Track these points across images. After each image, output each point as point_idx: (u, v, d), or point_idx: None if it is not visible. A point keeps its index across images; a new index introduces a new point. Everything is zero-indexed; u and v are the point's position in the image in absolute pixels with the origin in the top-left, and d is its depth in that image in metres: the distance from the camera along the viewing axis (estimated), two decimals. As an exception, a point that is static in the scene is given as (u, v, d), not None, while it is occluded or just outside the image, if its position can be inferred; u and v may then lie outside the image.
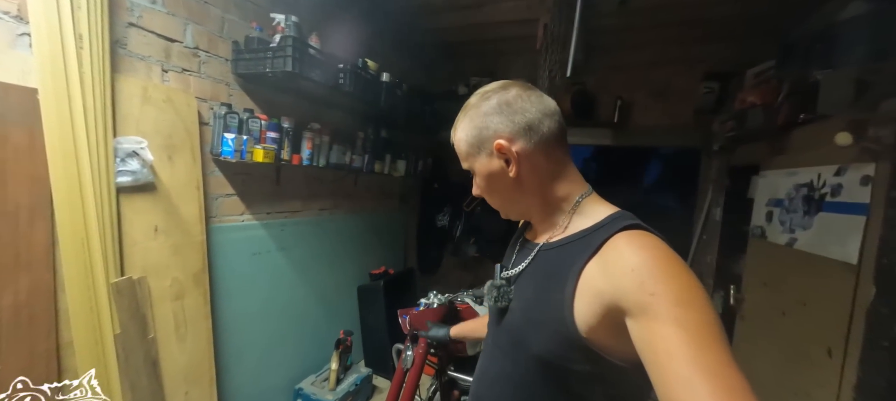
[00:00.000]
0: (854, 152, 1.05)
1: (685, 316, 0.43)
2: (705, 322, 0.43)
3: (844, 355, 1.03)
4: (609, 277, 0.50)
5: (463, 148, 0.65)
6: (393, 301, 2.44)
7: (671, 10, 2.11)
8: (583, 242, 0.57)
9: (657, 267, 0.47)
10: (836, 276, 1.07)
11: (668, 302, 0.44)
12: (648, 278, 0.46)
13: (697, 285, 0.46)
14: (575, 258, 0.55)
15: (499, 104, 0.61)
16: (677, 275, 0.46)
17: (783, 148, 1.47)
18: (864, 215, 1.00)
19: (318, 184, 2.21)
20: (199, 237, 1.51)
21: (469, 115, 0.63)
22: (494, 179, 0.63)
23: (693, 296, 0.45)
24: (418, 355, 1.35)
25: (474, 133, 0.62)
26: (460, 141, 0.65)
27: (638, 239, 0.51)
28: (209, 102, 1.58)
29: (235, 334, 1.74)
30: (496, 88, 0.63)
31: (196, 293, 1.49)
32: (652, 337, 0.45)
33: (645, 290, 0.46)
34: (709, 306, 0.44)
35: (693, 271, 0.48)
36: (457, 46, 2.93)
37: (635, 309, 0.46)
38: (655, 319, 0.44)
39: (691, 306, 0.44)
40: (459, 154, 0.66)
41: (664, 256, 0.49)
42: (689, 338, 0.42)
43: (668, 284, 0.45)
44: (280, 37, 1.55)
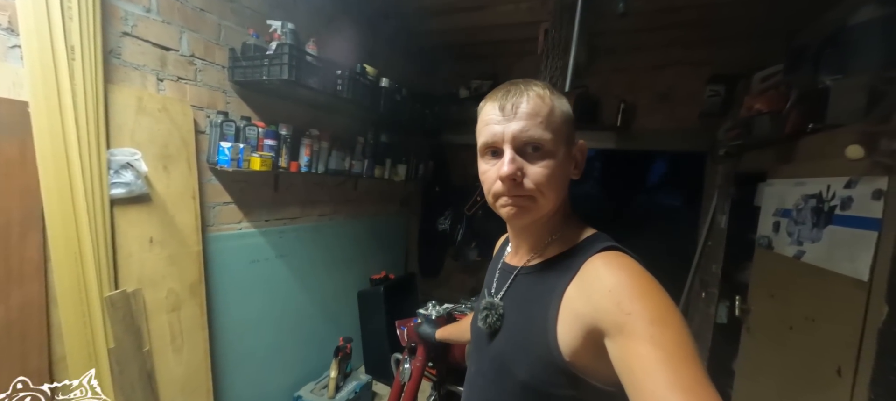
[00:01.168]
0: (866, 165, 1.01)
1: (661, 335, 0.44)
2: (680, 341, 0.44)
3: (855, 374, 0.99)
4: (588, 299, 0.51)
5: (558, 118, 0.56)
6: (394, 306, 2.42)
7: (675, 11, 2.06)
8: (562, 266, 0.57)
9: (633, 287, 0.48)
10: (846, 292, 1.04)
11: (644, 321, 0.45)
12: (625, 298, 0.47)
13: (671, 305, 0.47)
14: (556, 282, 0.56)
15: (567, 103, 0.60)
16: (652, 294, 0.48)
17: (791, 157, 1.43)
18: (875, 231, 0.96)
19: (317, 190, 2.20)
20: (196, 247, 1.49)
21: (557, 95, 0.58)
22: (563, 170, 0.58)
23: (667, 315, 0.46)
24: (416, 369, 1.33)
25: (569, 116, 0.59)
26: (554, 109, 0.56)
27: (614, 260, 0.52)
28: (205, 110, 1.57)
29: (233, 343, 1.73)
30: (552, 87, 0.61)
31: (192, 304, 1.48)
32: (629, 356, 0.45)
33: (622, 309, 0.47)
34: (683, 325, 0.46)
35: (667, 291, 0.49)
36: (458, 49, 2.90)
37: (613, 329, 0.47)
38: (631, 337, 0.45)
39: (666, 325, 0.45)
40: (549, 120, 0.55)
41: (640, 276, 0.50)
42: (665, 356, 0.43)
43: (644, 303, 0.47)
44: (277, 44, 1.53)
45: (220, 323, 1.65)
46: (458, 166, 3.26)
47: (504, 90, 0.58)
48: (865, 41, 1.28)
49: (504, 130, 0.56)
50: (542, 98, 0.56)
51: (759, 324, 1.54)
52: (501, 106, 0.56)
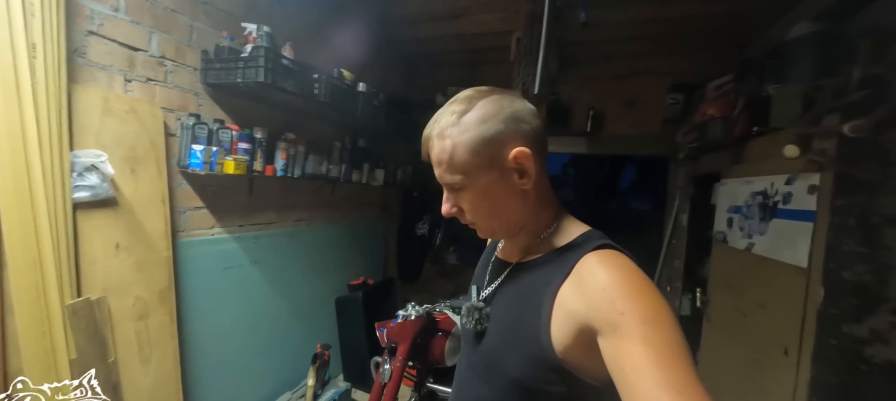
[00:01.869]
0: (801, 163, 1.12)
1: (652, 335, 0.44)
2: (671, 341, 0.44)
3: (799, 353, 1.09)
4: (581, 297, 0.51)
5: (459, 156, 0.54)
6: (372, 312, 2.40)
7: (640, 25, 2.21)
8: (558, 262, 0.56)
9: (627, 286, 0.48)
10: (790, 279, 1.14)
11: (636, 320, 0.45)
12: (618, 297, 0.47)
13: (664, 305, 0.47)
14: (549, 279, 0.55)
15: (505, 108, 0.54)
16: (645, 294, 0.48)
17: (741, 158, 1.56)
18: (811, 222, 1.07)
19: (293, 194, 2.17)
20: (165, 253, 1.45)
21: (464, 119, 0.54)
22: (497, 191, 0.56)
23: (660, 315, 0.46)
24: (396, 369, 1.34)
25: (480, 137, 0.53)
26: (455, 147, 0.54)
27: (609, 259, 0.52)
28: (176, 112, 1.53)
29: (205, 353, 1.67)
30: (484, 91, 0.57)
31: (161, 312, 1.42)
32: (620, 355, 0.45)
33: (615, 309, 0.46)
34: (674, 326, 0.46)
35: (660, 290, 0.49)
36: (434, 56, 2.96)
37: (605, 328, 0.47)
38: (624, 337, 0.45)
39: (658, 325, 0.45)
40: (449, 163, 0.55)
41: (633, 275, 0.50)
42: (657, 356, 0.43)
43: (637, 302, 0.46)
44: (252, 46, 1.53)
45: (191, 332, 1.59)
46: (436, 171, 3.29)
47: (426, 129, 0.58)
48: (800, 54, 1.42)
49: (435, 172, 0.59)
50: (443, 139, 0.55)
51: (717, 314, 1.65)
52: (423, 149, 0.59)
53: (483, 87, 0.58)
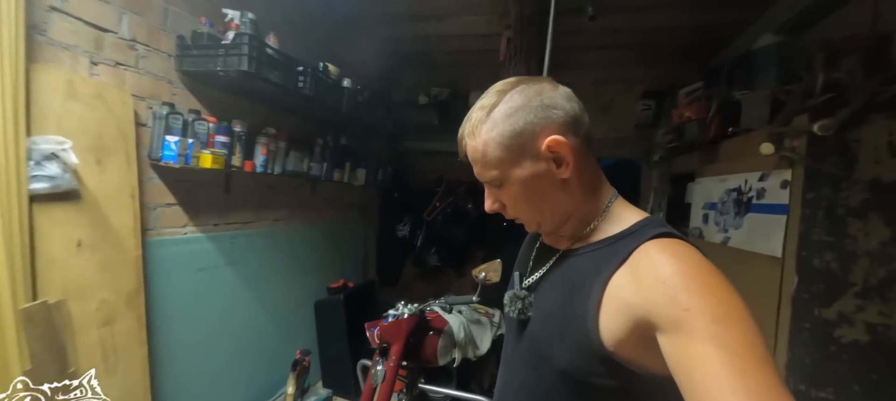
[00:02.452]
0: (774, 160, 1.21)
1: (724, 334, 0.39)
2: (747, 342, 0.39)
3: (775, 338, 1.17)
4: (639, 289, 0.46)
5: (492, 152, 0.53)
6: (353, 316, 2.33)
7: (616, 33, 2.32)
8: (610, 250, 0.52)
9: (692, 279, 0.43)
10: (765, 268, 1.22)
11: (705, 318, 0.40)
12: (682, 291, 0.42)
13: (737, 300, 0.42)
14: (601, 267, 0.51)
15: (535, 97, 0.53)
16: (714, 288, 0.43)
17: (714, 158, 1.66)
18: (784, 214, 1.16)
19: (272, 193, 2.07)
20: (134, 252, 1.33)
21: (494, 113, 0.53)
22: (537, 183, 0.54)
23: (732, 312, 0.41)
24: (389, 369, 1.29)
25: (511, 130, 0.52)
26: (487, 143, 0.53)
27: (671, 248, 0.47)
28: (148, 100, 1.42)
29: (177, 361, 1.54)
30: (517, 81, 0.55)
31: (129, 317, 1.30)
32: (687, 357, 0.40)
33: (678, 304, 0.42)
34: (750, 323, 0.41)
35: (733, 285, 0.44)
36: (418, 56, 2.95)
37: (667, 325, 0.43)
38: (690, 336, 0.40)
39: (730, 323, 0.40)
40: (484, 161, 0.54)
41: (699, 267, 0.45)
42: (730, 359, 0.38)
43: (705, 297, 0.41)
44: (234, 34, 1.45)
45: (161, 338, 1.47)
46: (417, 172, 3.27)
47: (461, 127, 0.58)
48: (765, 62, 1.55)
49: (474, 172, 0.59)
50: (475, 137, 0.54)
51: (694, 306, 1.74)
52: (459, 151, 0.59)
53: (513, 79, 0.56)
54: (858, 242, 1.05)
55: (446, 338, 1.53)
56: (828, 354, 1.07)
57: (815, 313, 1.08)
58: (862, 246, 1.05)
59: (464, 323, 1.66)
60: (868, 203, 1.04)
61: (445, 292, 3.18)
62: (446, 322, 1.57)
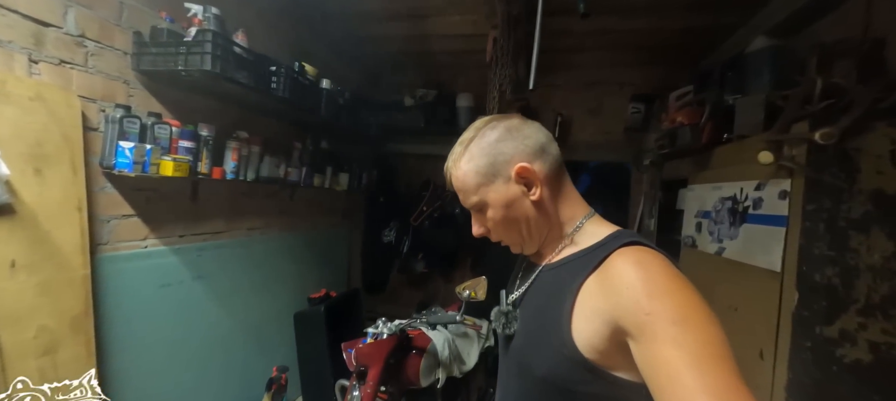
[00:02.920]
0: (771, 169, 1.16)
1: (683, 336, 0.41)
2: (706, 341, 0.41)
3: (775, 356, 1.11)
4: (606, 295, 0.49)
5: (471, 180, 0.61)
6: (336, 327, 2.22)
7: (605, 34, 2.26)
8: (582, 261, 0.56)
9: (652, 283, 0.46)
10: (763, 283, 1.16)
11: (665, 321, 0.42)
12: (644, 296, 0.45)
13: (697, 302, 0.44)
14: (574, 276, 0.55)
15: (506, 131, 0.60)
16: (674, 292, 0.45)
17: (707, 164, 1.61)
18: (783, 227, 1.10)
19: (246, 200, 1.95)
20: (81, 271, 1.20)
21: (471, 147, 0.61)
22: (513, 207, 0.60)
23: (691, 314, 0.43)
24: (366, 395, 1.20)
25: (486, 161, 0.60)
26: (466, 173, 0.61)
27: (635, 255, 0.49)
28: (100, 102, 1.29)
29: (137, 387, 1.42)
30: (490, 120, 0.63)
31: (75, 343, 1.17)
32: (652, 359, 0.43)
33: (641, 309, 0.44)
34: (710, 324, 0.43)
35: (695, 287, 0.46)
36: (402, 57, 2.85)
37: (634, 329, 0.45)
38: (654, 340, 0.43)
39: (689, 325, 0.42)
40: (465, 189, 0.62)
41: (661, 271, 0.47)
42: (690, 360, 0.40)
43: (664, 302, 0.44)
44: (197, 30, 1.33)
45: (117, 364, 1.34)
46: (404, 176, 3.17)
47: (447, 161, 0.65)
48: (758, 66, 1.50)
49: None
50: (457, 168, 0.62)
51: (686, 316, 1.69)
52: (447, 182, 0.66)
53: (488, 117, 0.64)
54: (860, 256, 1.00)
55: (430, 357, 1.44)
56: (829, 375, 1.01)
57: (817, 331, 1.02)
58: (864, 261, 0.99)
59: (449, 339, 1.57)
60: (870, 216, 0.99)
61: (433, 300, 3.08)
62: (430, 340, 1.48)
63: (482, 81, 2.18)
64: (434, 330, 1.52)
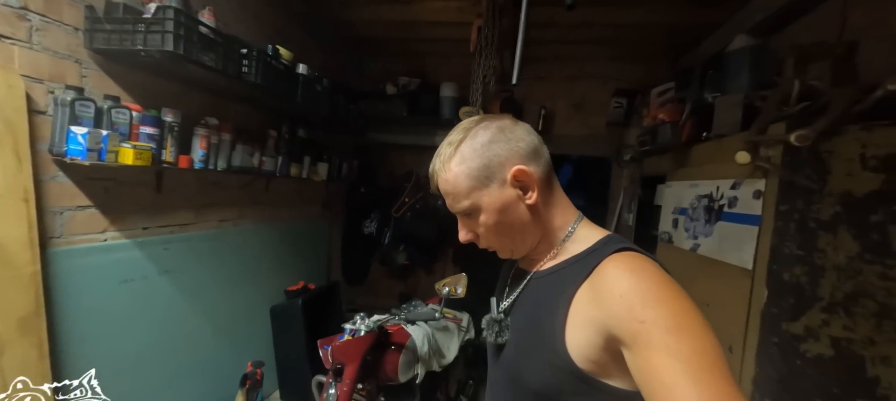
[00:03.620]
0: (747, 168, 1.18)
1: (677, 345, 0.41)
2: (700, 350, 0.41)
3: (743, 351, 1.15)
4: (599, 304, 0.48)
5: (463, 184, 0.57)
6: (314, 320, 2.17)
7: (589, 27, 2.24)
8: (574, 268, 0.55)
9: (646, 291, 0.45)
10: (735, 280, 1.19)
11: (659, 330, 0.42)
12: (637, 304, 0.44)
13: (691, 310, 0.44)
14: (566, 284, 0.54)
15: (499, 131, 0.57)
16: (668, 300, 0.45)
17: (686, 161, 1.63)
18: (756, 226, 1.13)
19: (217, 191, 1.85)
20: (29, 268, 1.10)
21: (462, 148, 0.57)
22: (507, 212, 0.57)
23: (685, 322, 0.43)
24: (343, 393, 1.17)
25: (479, 163, 0.56)
26: (458, 176, 0.57)
27: (627, 262, 0.49)
28: (47, 83, 1.18)
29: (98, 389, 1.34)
30: (480, 119, 0.59)
31: (24, 345, 1.09)
32: (647, 368, 0.43)
33: (635, 317, 0.44)
34: (704, 332, 0.42)
35: (688, 295, 0.46)
36: (384, 44, 2.76)
37: (627, 338, 0.45)
38: (647, 348, 0.42)
39: (683, 333, 0.42)
40: (455, 193, 0.58)
41: (654, 279, 0.47)
42: (684, 368, 0.40)
43: (658, 309, 0.44)
44: (156, 6, 1.23)
45: (74, 365, 1.25)
46: (385, 166, 3.11)
47: (432, 162, 0.61)
48: (738, 66, 1.51)
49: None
50: (446, 171, 0.58)
51: (661, 310, 1.73)
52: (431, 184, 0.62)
53: (478, 116, 0.61)
54: (827, 256, 1.03)
55: (409, 353, 1.42)
56: (793, 369, 1.05)
57: (783, 327, 1.06)
58: (830, 260, 1.03)
59: (428, 334, 1.55)
60: (839, 217, 1.02)
61: (415, 292, 3.07)
62: (409, 335, 1.46)
63: (466, 71, 2.14)
64: (413, 325, 1.50)
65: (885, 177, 0.99)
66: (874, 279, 1.01)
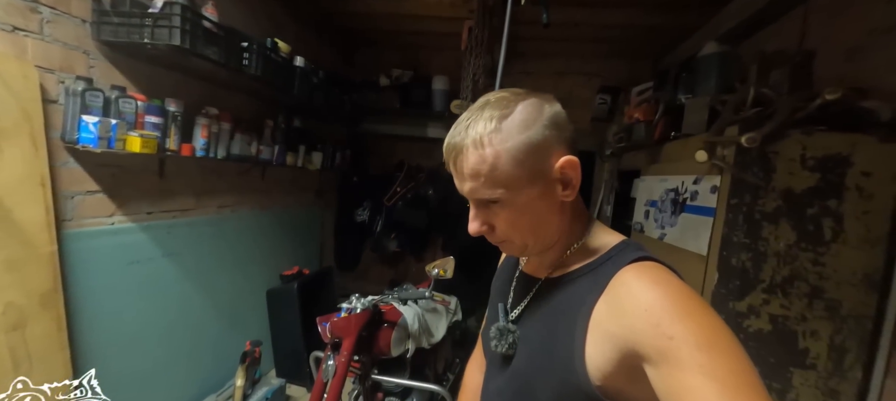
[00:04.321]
0: (707, 166, 1.31)
1: (711, 363, 0.38)
2: (736, 369, 0.38)
3: (697, 327, 1.29)
4: (620, 319, 0.45)
5: (504, 167, 0.48)
6: (308, 304, 2.28)
7: (575, 26, 2.35)
8: (591, 278, 0.50)
9: (673, 305, 0.42)
10: (693, 265, 1.34)
11: (690, 346, 0.39)
12: (665, 319, 0.41)
13: (721, 324, 0.41)
14: (584, 297, 0.49)
15: (544, 112, 0.49)
16: (696, 314, 0.41)
17: (658, 158, 1.76)
18: (712, 217, 1.27)
19: (216, 178, 1.93)
20: (48, 247, 1.18)
21: (506, 124, 0.47)
22: (538, 205, 0.50)
23: (717, 338, 0.40)
24: (340, 365, 1.29)
25: (527, 146, 0.47)
26: (499, 156, 0.47)
27: (648, 273, 0.46)
28: (58, 73, 1.24)
29: (109, 362, 1.43)
30: (520, 93, 0.50)
31: (45, 319, 1.17)
32: (677, 388, 0.39)
33: (662, 333, 0.40)
34: (737, 348, 0.40)
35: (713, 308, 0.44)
36: (377, 36, 2.82)
37: (653, 355, 0.41)
38: (678, 367, 0.39)
39: (717, 350, 0.38)
40: (491, 176, 0.48)
41: (679, 292, 0.43)
42: (720, 389, 0.36)
43: (687, 325, 0.40)
44: (164, 1, 1.29)
45: (88, 339, 1.34)
46: (378, 156, 3.20)
47: (449, 137, 0.51)
48: (707, 70, 1.64)
49: (460, 186, 0.52)
50: (482, 149, 0.48)
51: (633, 293, 1.88)
52: (448, 160, 0.52)
53: (517, 89, 0.52)
54: (769, 244, 1.18)
55: (400, 330, 1.54)
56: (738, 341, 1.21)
57: (730, 305, 1.21)
58: (772, 248, 1.17)
59: (418, 314, 1.68)
60: (780, 210, 1.16)
61: (405, 278, 3.20)
62: (400, 314, 1.58)
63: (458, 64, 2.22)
64: (405, 305, 1.62)
65: (821, 176, 1.14)
66: (808, 264, 1.16)
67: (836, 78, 1.38)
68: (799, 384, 1.18)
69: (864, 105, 1.14)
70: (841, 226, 1.13)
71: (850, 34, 1.38)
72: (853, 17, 1.39)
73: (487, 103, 0.50)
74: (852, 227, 1.12)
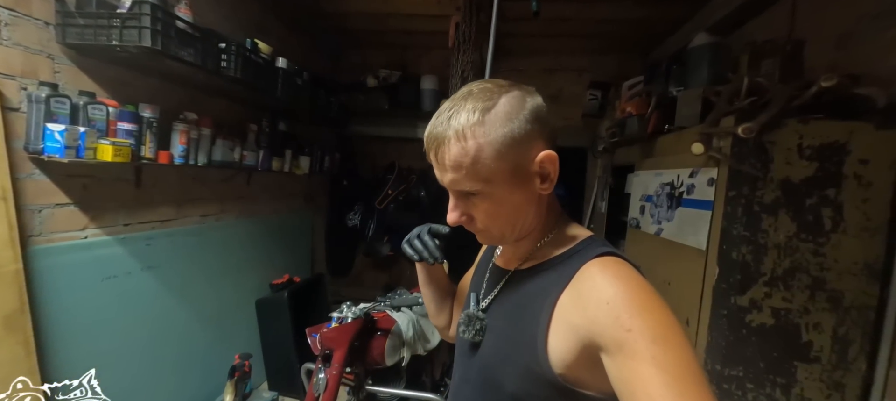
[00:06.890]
0: (703, 159, 1.28)
1: (663, 355, 0.41)
2: (684, 362, 0.41)
3: (698, 323, 1.27)
4: (583, 310, 0.47)
5: (486, 160, 0.48)
6: (300, 312, 2.21)
7: (564, 22, 2.32)
8: (556, 271, 0.53)
9: (633, 300, 0.45)
10: (692, 260, 1.31)
11: (646, 339, 0.42)
12: (624, 313, 0.44)
13: (674, 321, 0.45)
14: (548, 288, 0.52)
15: (526, 106, 0.50)
16: (654, 309, 0.44)
17: (652, 152, 1.74)
18: (710, 210, 1.24)
19: (198, 186, 1.85)
20: (12, 265, 1.10)
21: (489, 116, 0.48)
22: (517, 198, 0.52)
23: (670, 332, 0.43)
24: (332, 378, 1.23)
25: (510, 139, 0.48)
26: (482, 149, 0.48)
27: (612, 268, 0.48)
28: (20, 79, 1.16)
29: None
30: (503, 86, 0.51)
31: (11, 343, 1.09)
32: (630, 377, 0.42)
33: (621, 325, 0.43)
34: (686, 343, 0.43)
35: (667, 303, 0.46)
36: (364, 35, 2.76)
37: (611, 345, 0.44)
38: (633, 357, 0.42)
39: (669, 344, 0.42)
40: (473, 168, 0.49)
41: (639, 288, 0.46)
42: (669, 379, 0.40)
43: (645, 319, 0.43)
44: (132, 1, 1.22)
45: (60, 361, 1.26)
46: (367, 158, 3.13)
47: (430, 127, 0.52)
48: (698, 61, 1.62)
49: (441, 177, 0.53)
50: (464, 141, 0.48)
51: (630, 290, 1.86)
52: (428, 151, 0.53)
53: (500, 80, 0.53)
54: (769, 236, 1.15)
55: (394, 338, 1.49)
56: (739, 336, 1.18)
57: (731, 300, 1.18)
58: (772, 240, 1.15)
59: (413, 319, 1.62)
60: (779, 201, 1.14)
61: (400, 282, 3.14)
62: (394, 321, 1.52)
63: (446, 63, 2.18)
64: (398, 312, 1.57)
65: (819, 165, 1.11)
66: (809, 256, 1.13)
67: (827, 66, 1.37)
68: (803, 378, 1.15)
69: (859, 92, 1.12)
70: (840, 215, 1.11)
71: (839, 21, 1.37)
72: (842, 4, 1.37)
73: (470, 94, 0.51)
74: (852, 216, 1.10)
